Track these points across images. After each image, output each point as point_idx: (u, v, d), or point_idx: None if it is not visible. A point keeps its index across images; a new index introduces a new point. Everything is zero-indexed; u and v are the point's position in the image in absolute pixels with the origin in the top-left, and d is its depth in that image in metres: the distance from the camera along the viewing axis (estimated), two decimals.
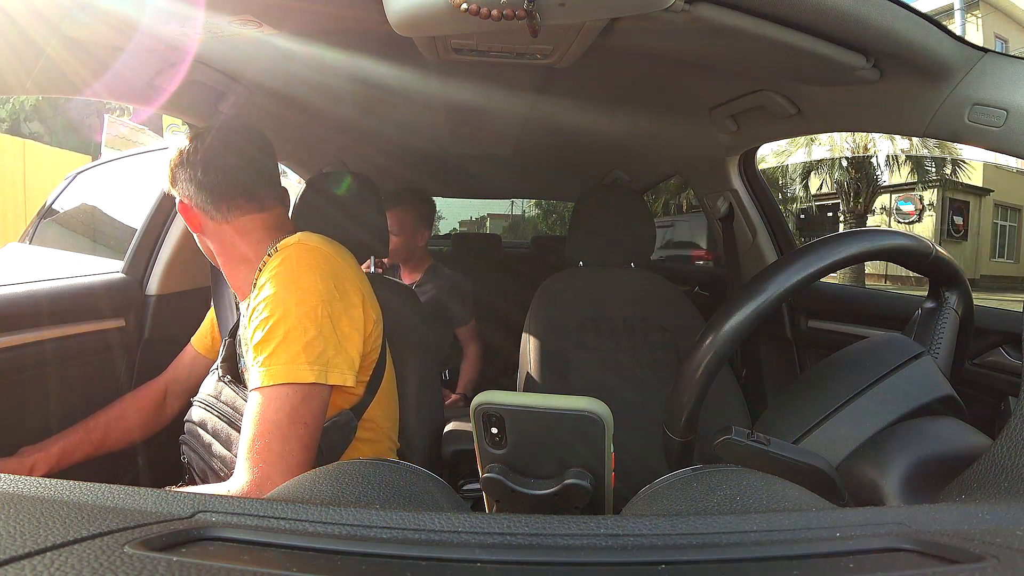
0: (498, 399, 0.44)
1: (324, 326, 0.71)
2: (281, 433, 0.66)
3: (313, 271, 0.73)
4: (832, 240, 0.60)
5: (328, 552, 0.27)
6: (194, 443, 0.82)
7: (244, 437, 0.67)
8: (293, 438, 0.66)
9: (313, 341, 0.69)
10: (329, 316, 0.71)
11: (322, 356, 0.70)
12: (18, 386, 0.91)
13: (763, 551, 0.28)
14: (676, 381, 0.60)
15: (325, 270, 0.74)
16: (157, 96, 0.92)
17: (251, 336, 0.71)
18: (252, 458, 0.65)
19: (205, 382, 0.86)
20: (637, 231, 1.29)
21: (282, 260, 0.74)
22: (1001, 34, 12.80)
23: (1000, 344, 0.92)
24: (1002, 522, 0.31)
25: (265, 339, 0.69)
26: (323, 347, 0.70)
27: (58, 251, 2.33)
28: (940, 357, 0.63)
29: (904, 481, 0.50)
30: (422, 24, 0.55)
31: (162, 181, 0.84)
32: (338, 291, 0.74)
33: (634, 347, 1.21)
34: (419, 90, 1.05)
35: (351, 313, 0.75)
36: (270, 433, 0.66)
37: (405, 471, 0.45)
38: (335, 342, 0.72)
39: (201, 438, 0.81)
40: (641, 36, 0.69)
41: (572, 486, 0.44)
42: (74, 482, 0.32)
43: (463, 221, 8.36)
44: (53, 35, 0.69)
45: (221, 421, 0.79)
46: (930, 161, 11.71)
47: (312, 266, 0.74)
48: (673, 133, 1.32)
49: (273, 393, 0.67)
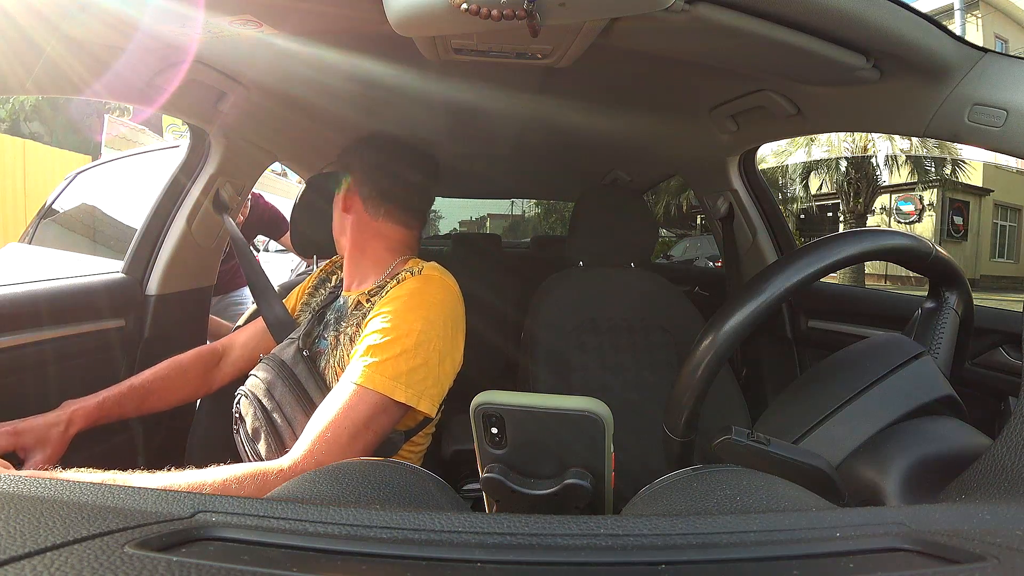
0: (498, 399, 0.44)
1: (432, 359, 0.76)
2: (354, 431, 0.69)
3: (443, 307, 0.81)
4: (832, 240, 0.60)
5: (328, 552, 0.27)
6: (255, 399, 0.82)
7: (320, 418, 0.70)
8: (360, 440, 0.70)
9: (418, 368, 0.74)
10: (439, 351, 0.77)
11: (421, 383, 0.75)
12: (18, 386, 0.91)
13: (763, 551, 0.28)
14: (676, 381, 0.60)
15: (449, 308, 0.82)
16: (157, 96, 0.92)
17: (365, 334, 0.77)
18: (318, 442, 0.68)
19: (283, 347, 0.89)
20: (637, 231, 1.29)
21: (423, 283, 0.82)
22: (1001, 34, 12.80)
23: (1000, 344, 0.92)
24: (1002, 522, 0.31)
25: (381, 347, 0.74)
26: (424, 376, 0.75)
27: (58, 251, 2.33)
28: (940, 357, 0.63)
29: (904, 481, 0.50)
30: (422, 24, 0.55)
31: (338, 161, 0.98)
32: (453, 331, 0.81)
33: (634, 347, 1.21)
34: (419, 90, 1.05)
35: (455, 355, 0.82)
36: (344, 428, 0.69)
37: (405, 471, 0.45)
38: (435, 376, 0.77)
39: (265, 397, 0.82)
40: (641, 36, 0.69)
41: (572, 486, 0.44)
42: (74, 482, 0.32)
43: (463, 221, 8.37)
44: (53, 35, 0.69)
45: (290, 393, 0.81)
46: (930, 161, 11.72)
47: (444, 302, 0.81)
48: (673, 133, 1.32)
49: (365, 395, 0.71)
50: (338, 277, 1.01)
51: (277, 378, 0.82)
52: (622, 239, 1.28)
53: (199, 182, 1.21)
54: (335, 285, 1.00)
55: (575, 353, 1.18)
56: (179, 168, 1.22)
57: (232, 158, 1.23)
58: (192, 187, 1.21)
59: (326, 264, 1.08)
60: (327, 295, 0.97)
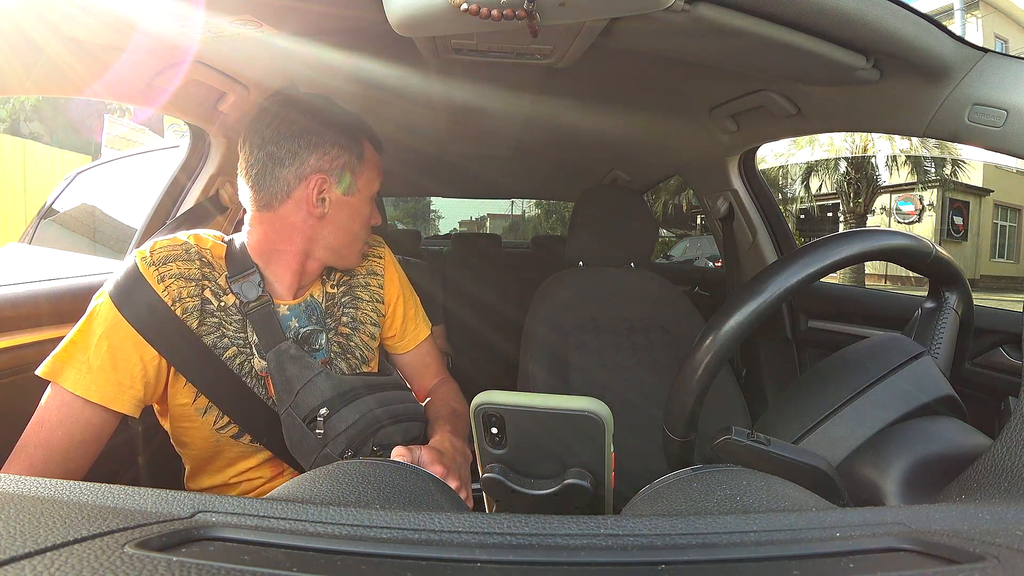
0: (498, 399, 0.44)
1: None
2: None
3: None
4: (832, 240, 0.60)
5: (328, 552, 0.27)
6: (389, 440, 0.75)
7: (438, 360, 0.96)
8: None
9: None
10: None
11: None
12: (18, 386, 0.91)
13: (763, 551, 0.28)
14: (676, 381, 0.60)
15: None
16: (157, 96, 0.92)
17: (394, 308, 0.90)
18: (445, 369, 0.98)
19: (312, 389, 0.71)
20: (637, 231, 1.29)
21: (388, 250, 0.93)
22: (1001, 34, 12.82)
23: (1000, 344, 0.92)
24: (1002, 522, 0.31)
25: (416, 304, 0.94)
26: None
27: (58, 251, 2.33)
28: (940, 357, 0.63)
29: (904, 481, 0.50)
30: (422, 24, 0.55)
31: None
32: None
33: (634, 347, 1.21)
34: (419, 90, 1.05)
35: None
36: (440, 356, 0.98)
37: (405, 471, 0.45)
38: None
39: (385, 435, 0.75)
40: (641, 36, 0.69)
41: (572, 486, 0.44)
42: (74, 482, 0.32)
43: (463, 221, 8.37)
44: (53, 35, 0.69)
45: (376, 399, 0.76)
46: (930, 161, 11.73)
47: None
48: (673, 133, 1.32)
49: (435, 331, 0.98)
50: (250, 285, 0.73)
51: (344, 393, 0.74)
52: (622, 239, 1.28)
53: (199, 182, 1.21)
54: (254, 299, 0.73)
55: (575, 353, 1.18)
56: (179, 168, 1.22)
57: (232, 158, 1.23)
58: (192, 187, 1.22)
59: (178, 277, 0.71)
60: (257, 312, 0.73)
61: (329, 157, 0.73)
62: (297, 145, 0.71)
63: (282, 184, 0.72)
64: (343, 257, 0.81)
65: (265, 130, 0.72)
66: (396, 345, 0.93)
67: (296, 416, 0.70)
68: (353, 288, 0.85)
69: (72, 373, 0.63)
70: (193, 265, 0.70)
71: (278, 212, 0.73)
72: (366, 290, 0.86)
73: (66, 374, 0.63)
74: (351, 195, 0.77)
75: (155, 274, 0.67)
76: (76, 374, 0.63)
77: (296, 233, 0.74)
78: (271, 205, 0.73)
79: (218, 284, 0.72)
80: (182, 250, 0.70)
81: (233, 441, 0.73)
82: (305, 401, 0.71)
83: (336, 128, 0.74)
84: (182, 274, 0.69)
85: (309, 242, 0.76)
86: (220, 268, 0.73)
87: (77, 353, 0.63)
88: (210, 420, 0.71)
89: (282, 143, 0.71)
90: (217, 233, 0.78)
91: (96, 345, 0.63)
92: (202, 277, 0.71)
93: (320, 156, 0.73)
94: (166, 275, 0.68)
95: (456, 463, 0.70)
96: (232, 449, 0.74)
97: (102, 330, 0.64)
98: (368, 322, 0.85)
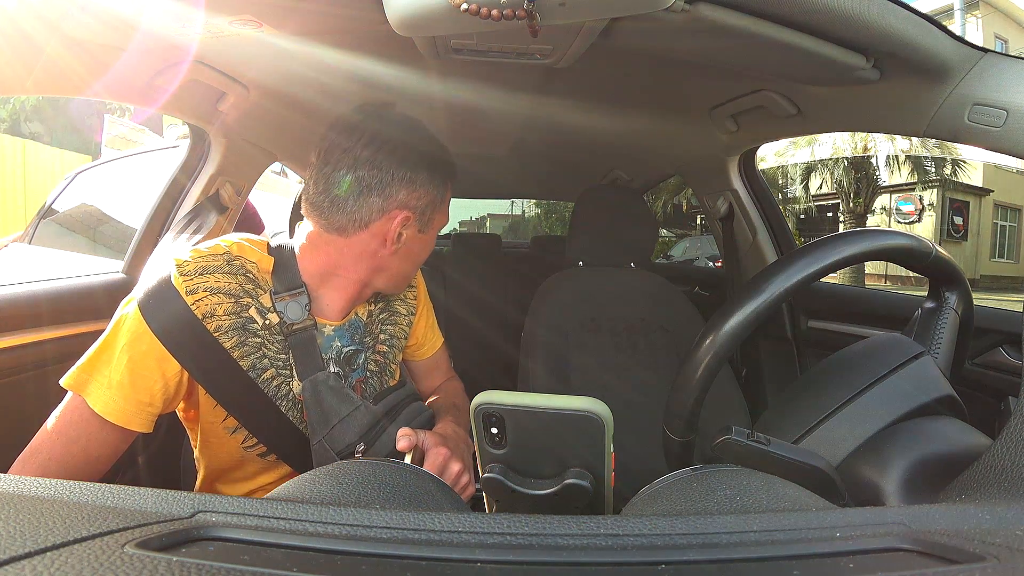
0: (498, 399, 0.44)
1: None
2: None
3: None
4: (832, 240, 0.60)
5: (328, 552, 0.27)
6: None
7: (447, 363, 0.97)
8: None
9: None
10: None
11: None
12: (18, 386, 0.91)
13: (763, 551, 0.28)
14: (676, 381, 0.60)
15: None
16: (157, 96, 0.92)
17: (419, 318, 0.90)
18: (452, 369, 0.98)
19: (351, 424, 0.69)
20: (637, 231, 1.29)
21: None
22: (1001, 34, 12.82)
23: (1000, 344, 0.92)
24: (1002, 522, 0.31)
25: (432, 312, 0.94)
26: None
27: (58, 251, 2.33)
28: (940, 357, 0.63)
29: (904, 481, 0.50)
30: (422, 24, 0.55)
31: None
32: None
33: (634, 347, 1.21)
34: (419, 90, 1.05)
35: None
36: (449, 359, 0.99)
37: (405, 471, 0.45)
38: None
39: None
40: (641, 36, 0.69)
41: (572, 486, 0.44)
42: (74, 482, 0.32)
43: (463, 221, 8.35)
44: (53, 35, 0.69)
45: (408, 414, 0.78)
46: (930, 161, 11.73)
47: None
48: (673, 133, 1.32)
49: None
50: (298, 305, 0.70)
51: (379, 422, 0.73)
52: (622, 239, 1.28)
53: (199, 182, 1.21)
54: (297, 320, 0.70)
55: (575, 353, 1.18)
56: (179, 168, 1.22)
57: (232, 158, 1.23)
58: (192, 187, 1.22)
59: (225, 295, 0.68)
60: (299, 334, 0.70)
61: (417, 195, 0.69)
62: (391, 176, 0.67)
63: (364, 213, 0.67)
64: (398, 287, 0.79)
65: (359, 150, 0.66)
66: (415, 353, 0.92)
67: (330, 449, 0.67)
68: (391, 303, 0.84)
69: (95, 388, 0.60)
70: (235, 279, 0.66)
71: (351, 239, 0.69)
72: (404, 303, 0.85)
73: (90, 388, 0.60)
74: (426, 232, 0.74)
75: (188, 285, 0.63)
76: (98, 389, 0.60)
77: (363, 262, 0.71)
78: (345, 230, 0.68)
79: (261, 303, 0.67)
80: (223, 260, 0.66)
81: (259, 458, 0.71)
82: (342, 436, 0.68)
83: (430, 165, 0.70)
84: (220, 288, 0.64)
85: (374, 272, 0.72)
86: (266, 284, 0.68)
87: (101, 366, 0.61)
88: (239, 439, 0.69)
89: (374, 171, 0.66)
90: (262, 240, 0.72)
91: (117, 359, 0.61)
92: (243, 293, 0.66)
93: (409, 192, 0.68)
94: (200, 287, 0.63)
95: (460, 448, 0.69)
96: (255, 464, 0.72)
97: (124, 341, 0.61)
98: (401, 336, 0.84)
